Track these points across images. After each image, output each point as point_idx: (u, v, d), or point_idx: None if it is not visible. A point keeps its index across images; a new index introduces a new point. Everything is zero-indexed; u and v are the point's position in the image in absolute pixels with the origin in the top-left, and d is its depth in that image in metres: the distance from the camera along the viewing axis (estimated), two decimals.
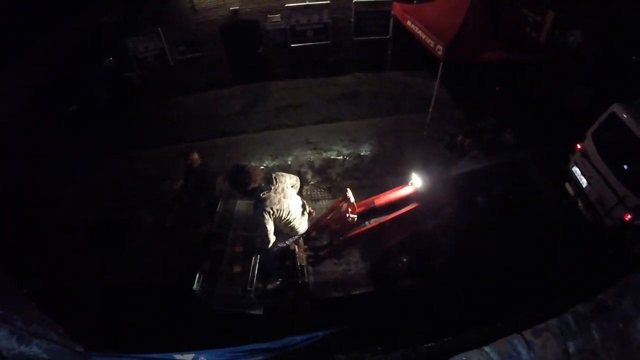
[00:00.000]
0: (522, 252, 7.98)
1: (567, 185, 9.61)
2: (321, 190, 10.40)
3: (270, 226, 5.90)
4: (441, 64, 10.56)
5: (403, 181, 7.44)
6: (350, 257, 8.19)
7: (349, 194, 6.68)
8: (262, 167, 10.91)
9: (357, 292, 7.60)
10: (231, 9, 13.01)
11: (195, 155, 8.45)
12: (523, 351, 1.61)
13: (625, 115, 8.12)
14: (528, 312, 2.48)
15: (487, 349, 1.63)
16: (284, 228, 6.35)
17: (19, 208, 8.99)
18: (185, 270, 6.96)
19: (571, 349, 1.67)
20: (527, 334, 1.73)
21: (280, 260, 7.04)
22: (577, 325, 1.76)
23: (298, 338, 6.56)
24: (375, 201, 7.04)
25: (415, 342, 4.26)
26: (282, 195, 5.95)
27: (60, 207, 10.28)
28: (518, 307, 3.33)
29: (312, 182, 10.71)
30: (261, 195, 5.79)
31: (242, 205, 8.07)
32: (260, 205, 5.82)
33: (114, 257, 8.90)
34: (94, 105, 12.38)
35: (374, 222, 6.94)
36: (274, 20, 13.55)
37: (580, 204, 9.13)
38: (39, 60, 10.10)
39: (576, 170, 9.29)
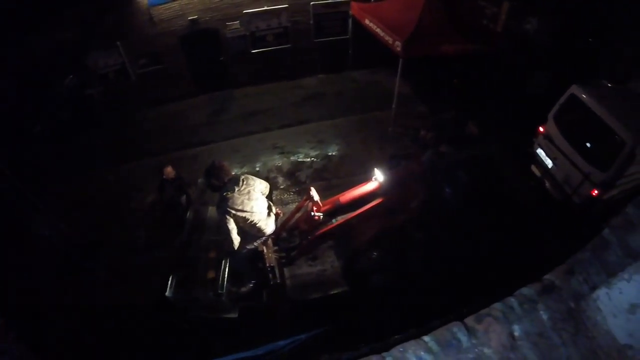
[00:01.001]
0: (493, 238, 8.13)
1: (534, 168, 9.81)
2: (291, 194, 10.38)
3: (232, 226, 6.02)
4: (401, 60, 10.67)
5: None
6: (326, 257, 8.22)
7: (313, 192, 6.73)
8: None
9: (336, 292, 7.63)
10: (190, 18, 12.95)
11: (169, 168, 8.50)
12: (463, 338, 1.62)
13: (584, 95, 8.39)
14: (480, 298, 2.51)
15: (426, 338, 1.65)
16: (251, 229, 6.40)
17: None
18: (162, 284, 6.88)
19: (517, 332, 1.67)
20: (470, 320, 1.74)
21: (252, 262, 7.03)
22: (522, 308, 1.76)
23: (281, 343, 6.57)
24: (340, 198, 7.10)
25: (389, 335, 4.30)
26: (246, 197, 6.07)
27: (31, 229, 10.05)
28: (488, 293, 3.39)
29: (281, 186, 10.69)
30: (224, 194, 5.96)
31: (213, 211, 7.97)
32: (222, 205, 5.97)
33: (88, 276, 8.77)
34: (58, 124, 12.16)
35: (340, 219, 7.00)
36: (234, 27, 13.52)
37: (547, 184, 9.35)
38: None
39: (541, 152, 9.51)
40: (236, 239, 6.13)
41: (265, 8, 13.38)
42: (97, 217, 10.21)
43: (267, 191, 6.67)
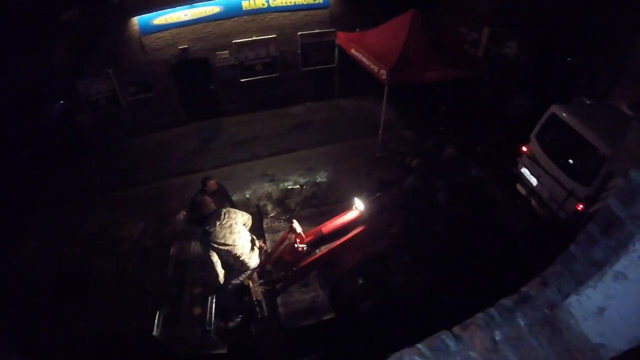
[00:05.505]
0: (479, 258, 8.29)
1: (519, 187, 10.03)
2: (281, 222, 10.32)
3: (215, 259, 6.12)
4: (386, 87, 10.94)
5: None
6: (317, 284, 8.28)
7: (295, 224, 6.83)
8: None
9: (329, 317, 7.67)
10: (180, 47, 13.16)
11: (213, 181, 8.21)
12: (451, 344, 1.76)
13: (564, 114, 8.65)
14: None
15: (419, 345, 1.79)
16: (234, 262, 6.47)
17: None
18: (149, 316, 6.88)
19: (497, 337, 1.82)
20: (456, 329, 1.88)
21: (238, 297, 7.08)
22: (502, 316, 1.91)
23: None
24: (322, 229, 7.19)
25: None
26: (228, 231, 6.16)
27: (17, 260, 9.96)
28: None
29: (271, 214, 10.68)
30: (206, 228, 6.07)
31: (197, 246, 7.89)
32: (204, 239, 6.09)
33: (76, 308, 8.67)
34: (48, 150, 12.20)
35: (324, 249, 7.07)
36: (223, 56, 13.78)
37: (533, 202, 9.55)
38: None
39: (525, 171, 9.72)
40: (220, 272, 6.22)
41: (254, 38, 13.67)
42: (86, 248, 10.13)
43: (249, 223, 6.74)
